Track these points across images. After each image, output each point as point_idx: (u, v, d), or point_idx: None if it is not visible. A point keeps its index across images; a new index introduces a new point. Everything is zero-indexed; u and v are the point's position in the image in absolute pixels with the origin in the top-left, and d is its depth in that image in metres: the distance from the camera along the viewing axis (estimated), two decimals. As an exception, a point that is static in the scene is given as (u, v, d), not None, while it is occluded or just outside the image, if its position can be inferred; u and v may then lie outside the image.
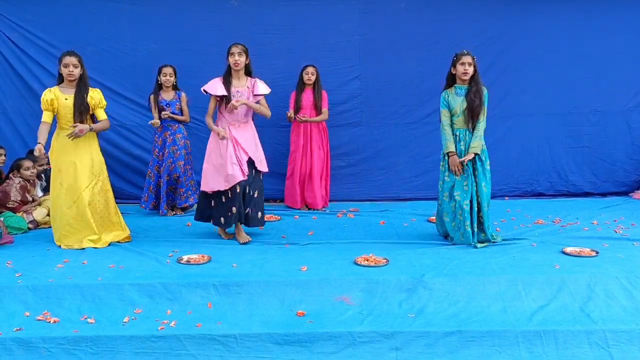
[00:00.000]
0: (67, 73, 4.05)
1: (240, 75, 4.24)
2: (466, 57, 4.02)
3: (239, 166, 4.13)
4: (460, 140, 4.10)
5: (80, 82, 4.10)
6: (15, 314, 3.07)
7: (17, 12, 5.80)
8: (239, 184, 4.15)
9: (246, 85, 4.24)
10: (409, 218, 5.15)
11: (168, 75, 5.29)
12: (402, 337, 2.89)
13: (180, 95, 5.38)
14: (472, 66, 4.02)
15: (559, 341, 2.88)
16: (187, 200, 5.42)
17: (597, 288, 3.25)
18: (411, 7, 5.99)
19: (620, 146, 6.20)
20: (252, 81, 4.27)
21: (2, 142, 5.55)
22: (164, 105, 5.30)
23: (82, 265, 3.68)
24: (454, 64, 4.09)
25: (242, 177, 4.14)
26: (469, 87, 4.06)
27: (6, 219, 4.56)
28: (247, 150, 4.19)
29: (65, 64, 4.05)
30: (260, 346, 2.87)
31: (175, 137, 5.34)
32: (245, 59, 4.19)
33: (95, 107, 4.16)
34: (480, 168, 4.06)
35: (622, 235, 4.36)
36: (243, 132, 4.23)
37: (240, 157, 4.16)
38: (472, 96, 4.01)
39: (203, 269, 3.58)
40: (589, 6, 6.03)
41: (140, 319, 3.05)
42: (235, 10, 5.94)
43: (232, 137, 4.17)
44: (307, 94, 5.54)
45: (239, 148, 4.17)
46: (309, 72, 5.48)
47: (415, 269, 3.51)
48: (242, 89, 4.22)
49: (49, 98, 4.06)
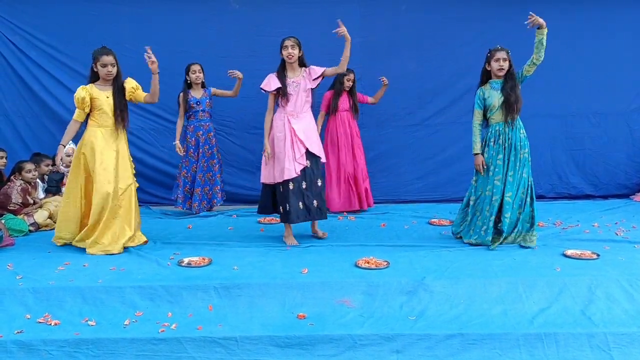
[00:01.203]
0: (105, 73, 4.01)
1: (294, 67, 4.24)
2: (500, 53, 4.02)
3: (293, 162, 4.13)
4: (500, 135, 4.10)
5: (115, 81, 4.08)
6: (16, 317, 3.07)
7: (18, 14, 5.81)
8: (294, 180, 4.14)
9: (301, 74, 4.24)
10: (409, 220, 5.14)
11: (197, 72, 5.31)
12: (402, 340, 2.88)
13: (209, 92, 5.40)
14: (507, 61, 4.03)
15: (560, 344, 2.87)
16: (222, 199, 5.47)
17: (598, 291, 3.25)
18: (412, 9, 6.00)
19: (621, 148, 6.19)
20: (307, 70, 4.26)
21: (3, 144, 5.55)
22: (194, 103, 5.32)
23: (83, 267, 3.68)
24: (488, 61, 4.09)
25: (295, 174, 4.13)
26: (504, 81, 4.05)
27: (7, 222, 4.57)
28: (304, 141, 4.17)
29: (103, 63, 4.01)
30: (261, 349, 2.86)
31: (207, 136, 5.37)
32: (298, 52, 4.19)
33: (134, 92, 4.12)
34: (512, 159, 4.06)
35: (623, 237, 4.35)
36: (302, 122, 4.22)
37: (297, 150, 4.16)
38: (508, 90, 4.01)
39: (204, 271, 3.57)
40: (589, 8, 6.03)
41: (141, 321, 3.05)
42: (235, 13, 5.95)
43: (291, 128, 4.18)
44: (343, 97, 5.54)
45: (297, 140, 4.17)
46: (350, 79, 5.48)
47: (416, 271, 3.50)
48: (298, 78, 4.22)
49: (82, 96, 4.00)
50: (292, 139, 4.17)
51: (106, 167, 4.01)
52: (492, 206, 4.07)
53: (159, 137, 6.01)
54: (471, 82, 5.97)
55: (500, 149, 4.08)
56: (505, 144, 4.08)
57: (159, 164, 6.02)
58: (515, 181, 4.06)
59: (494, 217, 4.07)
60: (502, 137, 4.08)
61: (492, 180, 4.10)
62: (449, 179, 6.12)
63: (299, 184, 4.17)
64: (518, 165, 4.06)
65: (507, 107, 4.03)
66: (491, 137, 4.15)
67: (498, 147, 4.09)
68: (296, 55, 4.18)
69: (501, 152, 4.08)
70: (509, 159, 4.07)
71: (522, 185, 4.07)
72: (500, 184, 4.06)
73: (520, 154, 4.07)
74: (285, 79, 4.21)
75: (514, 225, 4.09)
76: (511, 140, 4.07)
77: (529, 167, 4.10)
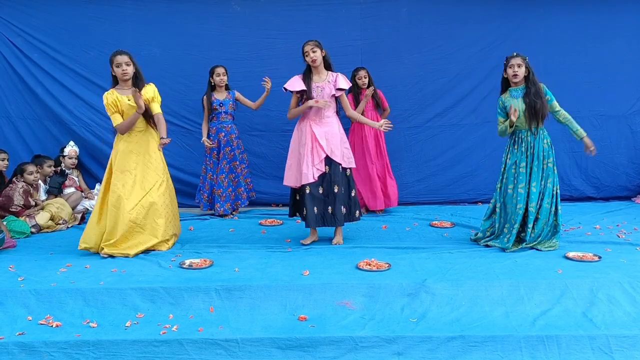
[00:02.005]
0: (121, 73, 3.92)
1: (319, 70, 4.20)
2: (515, 59, 3.99)
3: (311, 167, 4.12)
4: (522, 142, 4.05)
5: (136, 80, 3.99)
6: (17, 318, 3.08)
7: (21, 16, 5.82)
8: (311, 185, 4.13)
9: (327, 79, 4.20)
10: (411, 222, 5.14)
11: (222, 75, 5.33)
12: (404, 342, 2.88)
13: (233, 95, 5.41)
14: (523, 67, 3.98)
15: (562, 346, 2.87)
16: (245, 201, 5.48)
17: (600, 293, 3.24)
18: (413, 11, 6.01)
19: (623, 150, 6.19)
20: (334, 76, 4.20)
21: (5, 146, 5.56)
22: (217, 105, 5.34)
23: (85, 269, 3.68)
24: (505, 69, 4.05)
25: (312, 179, 4.11)
26: (526, 88, 4.01)
27: (9, 223, 4.58)
28: (325, 147, 4.14)
29: (117, 63, 3.92)
30: (262, 351, 2.86)
31: (229, 138, 5.38)
32: (320, 53, 4.13)
33: (151, 101, 4.03)
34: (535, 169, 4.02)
35: (624, 240, 4.35)
36: (324, 128, 4.19)
37: (316, 156, 4.13)
38: (532, 97, 3.95)
39: (205, 273, 3.58)
40: (591, 10, 6.03)
41: (142, 323, 3.05)
42: (238, 15, 5.96)
43: (312, 133, 4.16)
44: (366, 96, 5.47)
45: (317, 145, 4.14)
46: (361, 77, 5.42)
47: (418, 273, 3.50)
48: (323, 83, 4.19)
49: (112, 100, 3.92)
50: (312, 144, 4.15)
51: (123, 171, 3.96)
52: (517, 214, 4.02)
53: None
54: (473, 84, 6.02)
55: (523, 157, 4.03)
56: (527, 152, 4.02)
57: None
58: (538, 191, 4.01)
59: (517, 225, 4.02)
60: (525, 145, 4.03)
61: (516, 188, 4.05)
62: (450, 181, 6.12)
63: (316, 189, 4.15)
64: (542, 176, 4.01)
65: (530, 114, 3.96)
66: (514, 143, 4.10)
67: (521, 154, 4.03)
68: (319, 58, 4.13)
69: (524, 160, 4.03)
70: (531, 169, 4.02)
71: (547, 195, 4.01)
72: (524, 193, 4.01)
73: (543, 163, 4.01)
74: (311, 83, 4.17)
75: (537, 236, 4.05)
76: (534, 149, 4.01)
77: (553, 177, 4.03)
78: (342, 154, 4.22)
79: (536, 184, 4.01)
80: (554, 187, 4.05)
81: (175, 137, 6.02)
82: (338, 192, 4.18)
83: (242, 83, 5.71)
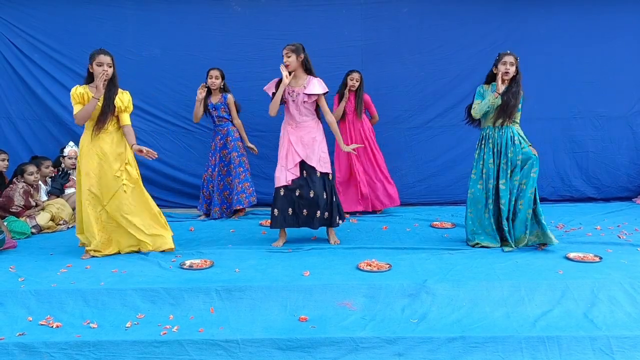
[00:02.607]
0: (101, 71, 3.87)
1: (297, 74, 4.17)
2: (508, 57, 4.00)
3: (285, 170, 4.14)
4: (489, 138, 4.10)
5: (110, 83, 3.95)
6: (17, 319, 3.07)
7: (21, 17, 5.83)
8: (285, 188, 4.15)
9: (302, 84, 4.17)
10: (411, 223, 5.14)
11: (214, 78, 5.27)
12: (404, 343, 2.88)
13: (225, 98, 5.34)
14: (514, 66, 4.00)
15: (563, 347, 2.86)
16: (240, 202, 5.40)
17: (601, 294, 3.24)
18: (413, 12, 6.01)
19: (624, 151, 6.19)
20: (309, 80, 4.17)
21: (6, 146, 5.57)
22: (211, 108, 5.32)
23: (85, 270, 3.68)
24: (496, 64, 4.07)
25: (284, 182, 4.13)
26: (508, 87, 4.02)
27: (9, 224, 4.58)
28: (299, 152, 4.15)
29: (99, 62, 3.87)
30: (262, 351, 2.86)
31: (225, 140, 5.36)
32: (296, 58, 4.09)
33: (122, 110, 3.99)
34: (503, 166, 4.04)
35: (625, 240, 4.34)
36: (300, 132, 4.19)
37: (291, 160, 4.14)
38: (510, 95, 3.99)
39: (205, 274, 3.57)
40: (592, 10, 6.03)
41: (142, 324, 3.05)
42: (238, 16, 5.96)
43: (288, 137, 4.18)
44: (351, 100, 5.51)
45: (292, 150, 4.16)
46: (354, 78, 5.43)
47: (418, 274, 3.50)
48: (299, 88, 4.17)
49: (80, 92, 3.89)
50: (287, 147, 4.16)
51: (87, 173, 3.94)
52: (489, 210, 4.08)
53: (159, 139, 6.00)
54: (473, 84, 5.96)
55: (490, 153, 4.07)
56: (494, 149, 4.07)
57: (157, 165, 6.00)
58: (507, 189, 4.03)
59: (492, 219, 4.08)
60: (492, 141, 4.08)
61: (485, 182, 4.10)
62: (451, 182, 6.12)
63: (292, 192, 4.16)
64: (509, 173, 4.03)
65: (501, 110, 4.01)
66: (482, 139, 4.16)
67: (489, 150, 4.09)
68: (293, 62, 4.10)
69: (491, 157, 4.08)
70: (499, 165, 4.06)
71: (521, 194, 4.01)
72: (492, 188, 4.06)
73: (511, 161, 4.02)
74: (286, 87, 4.16)
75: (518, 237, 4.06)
76: (500, 145, 4.05)
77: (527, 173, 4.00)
78: (318, 158, 4.20)
79: (505, 182, 4.03)
80: (524, 186, 4.02)
81: (175, 137, 6.05)
82: (314, 197, 4.17)
83: (242, 84, 5.71)
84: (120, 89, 4.03)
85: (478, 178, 4.15)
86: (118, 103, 3.96)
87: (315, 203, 4.18)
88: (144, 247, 4.04)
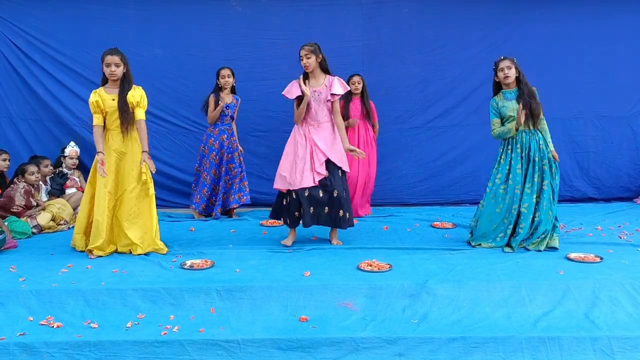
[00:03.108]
0: (109, 72, 3.92)
1: (316, 74, 4.19)
2: (503, 62, 4.02)
3: (311, 172, 4.10)
4: (517, 143, 4.07)
5: (124, 81, 3.98)
6: (18, 319, 3.07)
7: (22, 17, 5.83)
8: (311, 188, 4.11)
9: (324, 83, 4.18)
10: (412, 223, 5.14)
11: (226, 77, 5.30)
12: (405, 343, 2.88)
13: (238, 101, 5.44)
14: (513, 68, 4.00)
15: (564, 348, 2.86)
16: (237, 201, 5.40)
17: (602, 294, 3.24)
18: (414, 12, 6.01)
19: (624, 151, 6.19)
20: (330, 79, 4.19)
21: (7, 146, 5.57)
22: (224, 109, 5.33)
23: (86, 270, 3.68)
24: (495, 73, 4.09)
25: (312, 183, 4.10)
26: (518, 90, 4.03)
27: (10, 224, 4.58)
28: (325, 151, 4.14)
29: (107, 63, 3.92)
30: (263, 351, 2.86)
31: (230, 140, 5.40)
32: (315, 59, 4.12)
33: (135, 106, 4.00)
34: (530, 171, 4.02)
35: (626, 241, 4.34)
36: (322, 132, 4.19)
37: (316, 159, 4.12)
38: (527, 97, 3.98)
39: (206, 274, 3.57)
40: (593, 11, 6.03)
41: (143, 324, 3.05)
42: (239, 16, 5.96)
43: (310, 138, 4.15)
44: (354, 103, 5.49)
45: (317, 150, 4.14)
46: (355, 82, 5.42)
47: (419, 274, 3.50)
48: (320, 87, 4.17)
49: (95, 100, 3.93)
50: (312, 148, 4.15)
51: (105, 171, 3.95)
52: (511, 215, 4.04)
53: (160, 139, 6.01)
54: (474, 84, 6.02)
55: (518, 158, 4.04)
56: (522, 153, 4.04)
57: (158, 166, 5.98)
58: (533, 193, 4.01)
59: (512, 226, 4.05)
60: (520, 146, 4.05)
61: (510, 188, 4.06)
62: (452, 182, 6.12)
63: (317, 192, 4.13)
64: (537, 177, 4.01)
65: (526, 115, 3.98)
66: (508, 144, 4.10)
67: (516, 155, 4.04)
68: (313, 64, 4.11)
69: (519, 162, 4.04)
70: (527, 170, 4.03)
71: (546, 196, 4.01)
72: (519, 194, 4.02)
73: (540, 164, 4.01)
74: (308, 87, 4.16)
75: (538, 236, 4.05)
76: (529, 150, 4.03)
77: (549, 177, 4.02)
78: (340, 157, 4.22)
79: (530, 185, 4.02)
80: (551, 188, 4.04)
81: (175, 137, 6.06)
82: (337, 196, 4.16)
83: (243, 84, 5.71)
84: (135, 85, 4.06)
85: (502, 182, 4.09)
86: (130, 99, 3.98)
87: (339, 202, 4.17)
88: (135, 249, 4.05)
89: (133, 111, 4.00)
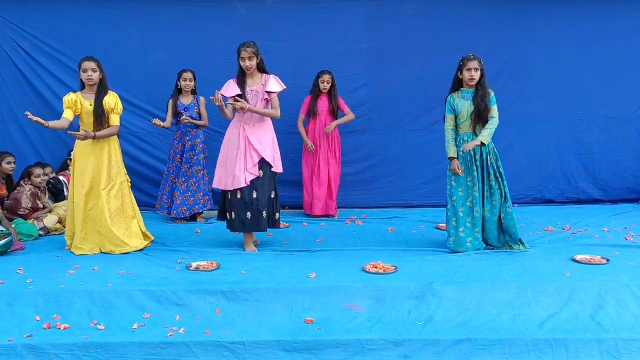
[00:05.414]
0: (86, 78, 4.08)
1: (254, 74, 4.20)
2: (472, 62, 3.98)
3: (243, 171, 4.08)
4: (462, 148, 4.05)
5: (100, 87, 4.13)
6: (25, 320, 3.09)
7: (28, 20, 5.87)
8: (243, 190, 4.09)
9: (260, 82, 4.19)
10: (417, 225, 5.13)
11: (187, 80, 5.32)
12: (411, 345, 2.88)
13: (198, 100, 5.41)
14: (479, 70, 3.99)
15: (570, 350, 2.86)
16: (204, 206, 5.41)
17: (608, 296, 3.23)
18: (418, 14, 6.01)
19: (630, 153, 6.16)
20: (266, 78, 4.20)
21: (13, 149, 5.58)
22: (182, 110, 5.33)
23: (93, 271, 3.70)
24: (460, 69, 4.05)
25: (244, 183, 4.08)
26: (475, 91, 4.02)
27: (17, 226, 4.60)
28: (259, 150, 4.13)
29: (84, 68, 4.08)
30: (268, 353, 2.86)
31: (193, 142, 5.37)
32: (255, 61, 4.14)
33: (109, 111, 4.15)
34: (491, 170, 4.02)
35: (632, 242, 4.32)
36: (257, 131, 4.17)
37: (249, 158, 4.10)
38: (479, 100, 3.98)
39: (212, 275, 3.58)
40: (597, 11, 6.01)
41: (149, 325, 3.06)
42: (243, 18, 5.97)
43: (245, 137, 4.13)
44: (322, 100, 5.52)
45: (251, 148, 4.12)
46: (324, 81, 5.45)
47: (424, 276, 3.49)
48: (257, 86, 4.18)
49: (72, 98, 4.08)
50: (245, 147, 4.11)
51: (82, 172, 4.14)
52: (476, 218, 4.03)
53: (162, 139, 6.01)
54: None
55: (473, 159, 4.03)
56: (475, 156, 4.03)
57: (158, 165, 6.01)
58: (480, 196, 4.02)
59: (479, 228, 4.05)
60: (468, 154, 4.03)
61: (470, 191, 4.05)
62: (456, 184, 6.10)
63: (249, 193, 4.09)
64: (491, 179, 4.01)
65: (476, 116, 3.98)
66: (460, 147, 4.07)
67: (471, 156, 4.02)
68: (254, 66, 4.13)
69: (474, 163, 4.03)
70: (482, 173, 4.03)
71: (497, 200, 4.02)
72: (479, 196, 4.02)
73: (488, 167, 4.01)
74: (245, 87, 4.16)
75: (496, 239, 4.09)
76: (476, 153, 4.01)
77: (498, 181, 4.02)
78: (273, 157, 4.21)
79: (477, 189, 4.01)
80: (501, 192, 4.02)
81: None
82: (274, 197, 4.23)
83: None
84: (110, 91, 4.19)
85: (459, 185, 4.07)
86: (105, 105, 4.12)
87: (272, 203, 4.22)
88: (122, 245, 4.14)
89: (108, 115, 4.14)
